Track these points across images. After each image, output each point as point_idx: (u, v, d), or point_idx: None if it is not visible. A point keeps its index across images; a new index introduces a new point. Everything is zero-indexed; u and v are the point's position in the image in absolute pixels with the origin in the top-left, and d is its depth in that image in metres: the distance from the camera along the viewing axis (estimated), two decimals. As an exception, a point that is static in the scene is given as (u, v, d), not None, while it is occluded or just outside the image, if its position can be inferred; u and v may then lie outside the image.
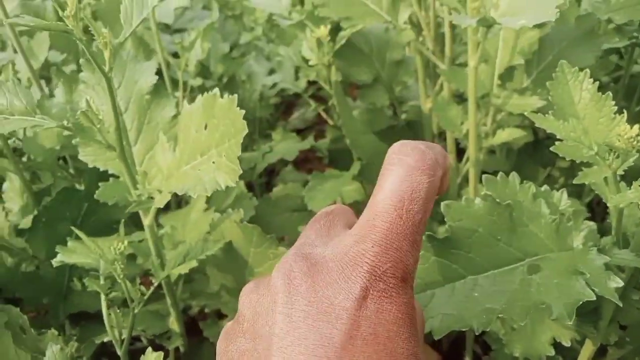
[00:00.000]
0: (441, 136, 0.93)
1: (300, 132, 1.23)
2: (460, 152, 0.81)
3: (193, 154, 0.43)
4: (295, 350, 0.25)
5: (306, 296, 0.26)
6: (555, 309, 0.37)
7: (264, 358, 0.26)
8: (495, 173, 0.46)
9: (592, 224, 0.47)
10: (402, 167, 0.29)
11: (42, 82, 0.88)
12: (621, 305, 0.38)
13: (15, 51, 0.92)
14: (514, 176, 0.45)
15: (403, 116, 0.90)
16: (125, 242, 0.48)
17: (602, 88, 0.43)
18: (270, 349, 0.26)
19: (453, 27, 0.74)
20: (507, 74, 0.70)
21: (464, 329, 0.39)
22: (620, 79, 0.87)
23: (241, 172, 0.38)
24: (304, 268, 0.28)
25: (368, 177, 0.81)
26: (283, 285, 0.27)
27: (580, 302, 0.36)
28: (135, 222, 0.75)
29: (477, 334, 0.39)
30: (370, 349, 0.25)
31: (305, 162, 1.29)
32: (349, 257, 0.27)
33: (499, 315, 0.39)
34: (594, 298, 0.36)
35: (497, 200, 0.42)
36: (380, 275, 0.27)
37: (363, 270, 0.27)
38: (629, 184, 0.43)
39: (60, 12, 0.45)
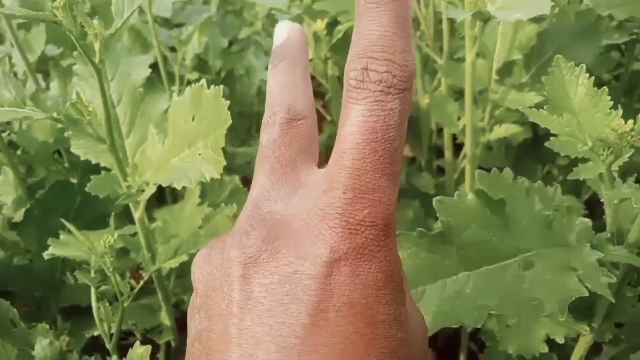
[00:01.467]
0: (439, 132, 0.92)
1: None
2: (457, 147, 0.80)
3: (181, 146, 0.43)
4: (258, 331, 0.21)
5: (266, 266, 0.22)
6: (547, 305, 0.36)
7: (222, 341, 0.22)
8: (490, 170, 0.45)
9: (587, 220, 0.47)
10: (369, 92, 0.22)
11: (40, 75, 0.88)
12: (614, 301, 0.38)
13: (12, 44, 0.91)
14: (507, 172, 0.44)
15: (401, 112, 0.89)
16: (115, 236, 0.48)
17: (602, 85, 0.43)
18: (227, 330, 0.22)
19: (451, 21, 0.73)
20: (505, 69, 0.70)
21: (455, 326, 0.39)
22: (621, 76, 0.86)
23: (225, 163, 0.37)
24: (262, 233, 0.23)
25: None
26: (238, 255, 0.23)
27: (573, 298, 0.36)
28: (129, 216, 0.75)
29: (468, 330, 0.38)
30: (346, 321, 0.21)
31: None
32: (315, 212, 0.23)
33: (491, 312, 0.38)
34: (587, 294, 0.36)
35: (490, 195, 0.41)
36: (356, 227, 0.22)
37: (333, 225, 0.22)
38: (626, 180, 0.43)
39: (50, 3, 0.45)
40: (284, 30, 0.29)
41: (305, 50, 0.29)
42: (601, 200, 0.44)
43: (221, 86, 0.38)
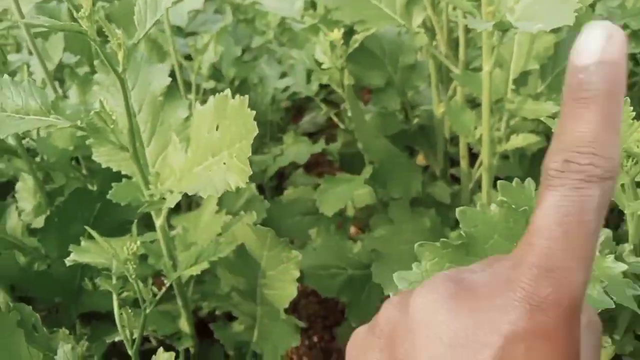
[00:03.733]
0: (453, 141, 0.92)
1: (311, 136, 1.23)
2: (473, 157, 0.80)
3: (205, 155, 0.43)
4: None
5: (447, 323, 0.23)
6: (571, 316, 0.36)
7: None
8: (508, 178, 0.45)
9: (608, 231, 0.47)
10: (569, 180, 0.21)
11: (56, 83, 0.89)
12: (639, 313, 0.37)
13: (30, 53, 0.93)
14: (529, 182, 0.44)
15: (415, 120, 0.90)
16: (138, 242, 0.48)
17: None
18: None
19: (467, 31, 0.74)
20: (522, 79, 0.70)
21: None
22: (635, 85, 0.86)
23: (251, 173, 0.38)
24: (450, 290, 0.24)
25: (380, 181, 0.81)
26: (423, 308, 0.24)
27: (599, 311, 0.36)
28: (146, 223, 0.75)
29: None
30: None
31: (316, 166, 1.28)
32: (500, 283, 0.23)
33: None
34: (613, 306, 0.36)
35: (513, 206, 0.41)
36: (539, 304, 0.21)
37: (516, 297, 0.22)
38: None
39: (75, 14, 0.46)
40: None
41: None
42: (615, 210, 0.44)
43: (246, 96, 0.39)
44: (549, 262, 0.21)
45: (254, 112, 0.38)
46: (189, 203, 0.95)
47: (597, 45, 0.21)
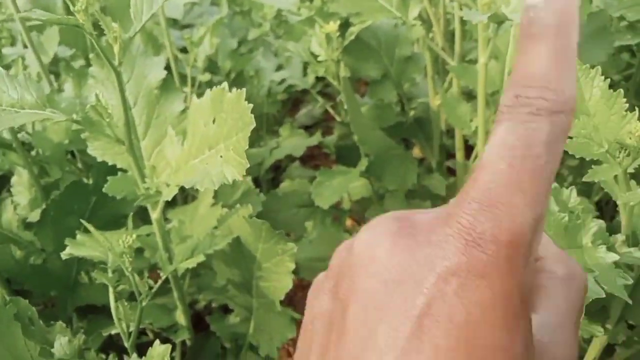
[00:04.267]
0: (449, 133, 0.92)
1: (308, 129, 1.23)
2: (468, 149, 0.80)
3: (201, 148, 0.43)
4: (371, 317, 0.21)
5: (384, 259, 0.22)
6: (564, 306, 0.37)
7: (338, 324, 0.23)
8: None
9: (601, 222, 0.47)
10: (516, 114, 0.21)
11: (51, 76, 0.89)
12: (630, 302, 0.38)
13: (25, 46, 0.92)
14: (524, 173, 0.44)
15: (411, 113, 0.90)
16: (134, 236, 0.48)
17: (612, 86, 0.43)
18: (345, 313, 0.22)
19: (463, 23, 0.74)
20: (517, 71, 0.70)
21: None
22: (631, 77, 0.86)
23: (248, 166, 0.38)
24: (392, 227, 0.23)
25: (375, 174, 0.81)
26: (364, 244, 0.23)
27: (590, 300, 0.36)
28: (142, 217, 0.75)
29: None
30: (441, 334, 0.20)
31: (312, 159, 1.29)
32: (440, 219, 0.22)
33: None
34: (604, 295, 0.36)
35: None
36: (475, 240, 0.20)
37: (451, 232, 0.21)
38: (639, 183, 0.43)
39: (71, 7, 0.46)
40: None
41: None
42: (610, 202, 0.44)
43: (243, 89, 0.39)
44: (489, 197, 0.20)
45: (251, 105, 0.38)
46: (185, 196, 0.95)
47: None
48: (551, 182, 0.21)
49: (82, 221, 0.52)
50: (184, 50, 1.01)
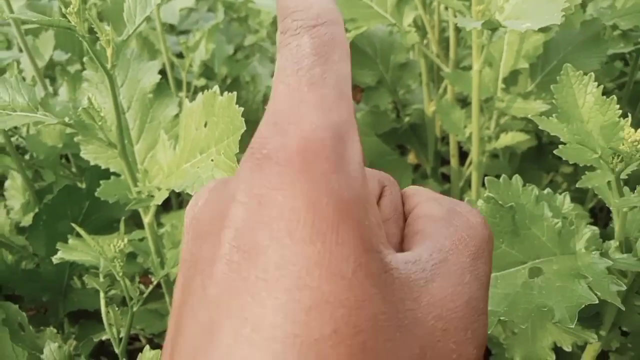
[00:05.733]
0: (444, 139, 0.92)
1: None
2: (463, 155, 0.80)
3: (193, 152, 0.43)
4: (188, 279, 0.21)
5: (200, 215, 0.22)
6: (557, 312, 0.36)
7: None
8: (498, 177, 0.46)
9: (595, 228, 0.47)
10: (283, 42, 0.22)
11: (47, 81, 0.89)
12: (623, 309, 0.38)
13: (20, 50, 0.92)
14: (517, 179, 0.44)
15: (406, 119, 0.90)
16: (125, 240, 0.48)
17: (606, 94, 0.43)
18: (177, 279, 0.22)
19: (457, 30, 0.74)
20: (512, 78, 0.70)
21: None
22: (625, 85, 0.87)
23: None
24: (209, 185, 0.24)
25: (370, 180, 0.81)
26: (187, 210, 0.23)
27: (583, 306, 0.36)
28: (136, 221, 0.75)
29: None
30: (250, 265, 0.18)
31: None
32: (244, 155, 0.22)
33: (501, 318, 0.39)
34: (597, 301, 0.36)
35: (500, 202, 0.41)
36: (266, 155, 0.19)
37: (245, 158, 0.20)
38: (632, 189, 0.43)
39: (64, 9, 0.45)
40: None
41: None
42: (604, 209, 0.44)
43: (234, 93, 0.38)
44: (275, 117, 0.20)
45: (242, 109, 0.38)
46: (180, 201, 0.94)
47: None
48: (342, 89, 0.21)
49: (74, 225, 0.52)
50: (180, 55, 1.01)
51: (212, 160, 0.39)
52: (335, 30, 0.21)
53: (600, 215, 0.90)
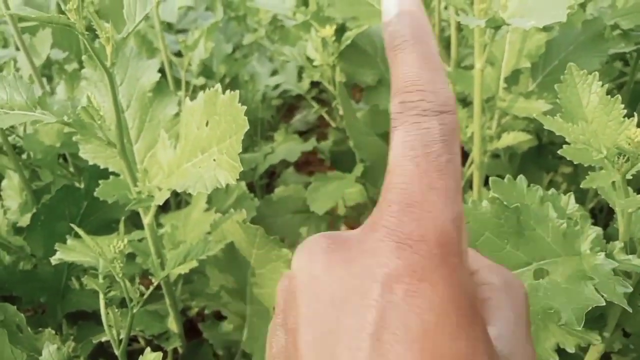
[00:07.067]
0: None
1: (302, 134, 1.23)
2: (464, 155, 0.80)
3: (194, 151, 0.42)
4: (326, 342, 0.21)
5: (322, 278, 0.22)
6: (564, 314, 0.36)
7: (294, 356, 0.22)
8: (499, 177, 0.45)
9: (599, 229, 0.47)
10: (407, 117, 0.22)
11: (44, 79, 0.88)
12: (630, 310, 0.37)
13: (17, 48, 0.91)
14: (522, 179, 0.44)
15: (406, 119, 0.89)
16: (125, 241, 0.48)
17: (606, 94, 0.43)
18: (297, 344, 0.22)
19: (459, 29, 0.73)
20: (513, 77, 0.70)
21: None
22: (624, 85, 0.87)
23: (242, 169, 0.37)
24: (323, 245, 0.23)
25: (371, 179, 0.80)
26: (299, 268, 0.23)
27: (589, 308, 0.35)
28: (134, 222, 0.74)
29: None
30: (403, 348, 0.19)
31: (306, 164, 1.28)
32: (367, 227, 0.22)
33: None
34: (604, 304, 0.36)
35: (505, 203, 0.41)
36: (405, 241, 0.20)
37: (380, 237, 0.21)
38: (633, 189, 0.43)
39: (63, 6, 0.45)
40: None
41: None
42: (604, 209, 0.44)
43: (237, 92, 0.38)
44: (407, 197, 0.21)
45: (245, 108, 0.37)
46: (178, 202, 0.94)
47: (394, 1, 0.24)
48: (459, 180, 0.22)
49: (73, 226, 0.51)
50: (178, 54, 1.00)
51: (214, 160, 0.39)
52: (456, 121, 0.22)
53: (600, 216, 0.90)
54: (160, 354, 0.42)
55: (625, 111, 0.42)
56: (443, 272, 0.20)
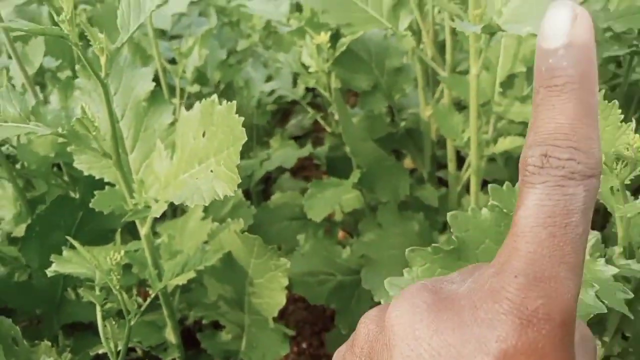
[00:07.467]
0: (440, 144, 0.92)
1: (298, 140, 1.22)
2: (459, 160, 0.80)
3: (191, 162, 0.42)
4: None
5: (427, 339, 0.21)
6: (564, 322, 0.36)
7: None
8: (495, 181, 0.45)
9: (597, 233, 0.47)
10: (549, 176, 0.20)
11: (37, 88, 0.87)
12: (632, 317, 0.37)
13: (9, 57, 0.91)
14: (520, 185, 0.44)
15: (402, 124, 0.90)
16: (122, 252, 0.47)
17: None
18: None
19: (454, 34, 0.74)
20: (508, 82, 0.70)
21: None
22: (617, 87, 0.87)
23: (240, 181, 0.37)
24: (427, 300, 0.22)
25: (367, 185, 0.80)
26: (399, 321, 0.22)
27: (591, 315, 0.35)
28: (130, 231, 0.74)
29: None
30: None
31: (302, 170, 1.28)
32: (484, 293, 0.20)
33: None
34: (606, 311, 0.35)
35: (504, 210, 0.41)
36: (529, 318, 0.19)
37: (502, 310, 0.19)
38: (633, 194, 0.43)
39: (56, 17, 0.44)
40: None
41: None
42: (599, 212, 0.44)
43: (234, 102, 0.38)
44: (536, 269, 0.19)
45: (242, 119, 0.37)
46: (174, 210, 0.93)
47: (565, 26, 0.19)
48: (584, 252, 0.20)
49: (68, 237, 0.51)
50: (172, 61, 1.00)
51: (211, 171, 0.38)
52: (599, 186, 0.20)
53: (596, 218, 0.90)
54: (158, 368, 0.42)
55: (623, 116, 0.42)
56: (561, 351, 0.20)
